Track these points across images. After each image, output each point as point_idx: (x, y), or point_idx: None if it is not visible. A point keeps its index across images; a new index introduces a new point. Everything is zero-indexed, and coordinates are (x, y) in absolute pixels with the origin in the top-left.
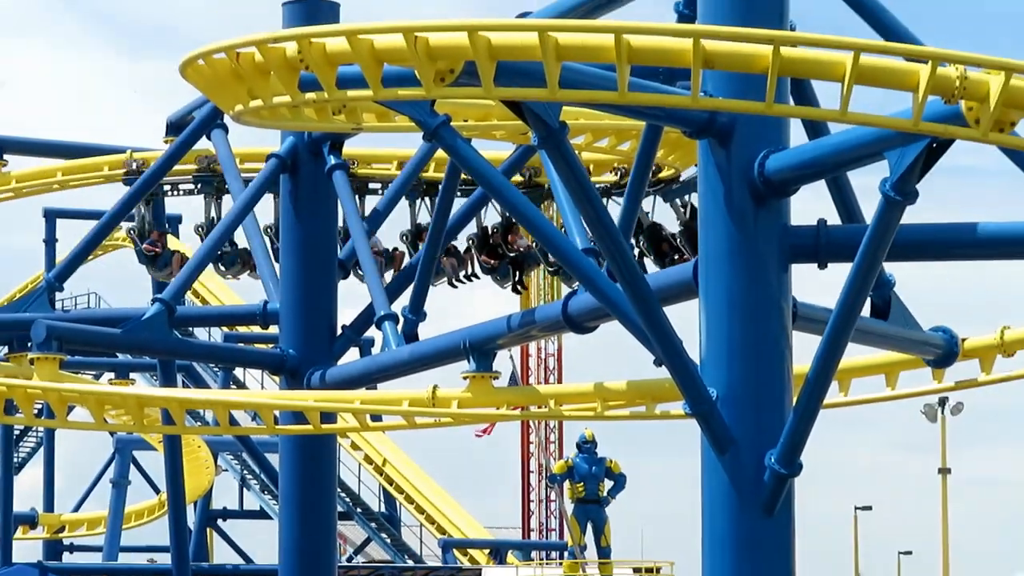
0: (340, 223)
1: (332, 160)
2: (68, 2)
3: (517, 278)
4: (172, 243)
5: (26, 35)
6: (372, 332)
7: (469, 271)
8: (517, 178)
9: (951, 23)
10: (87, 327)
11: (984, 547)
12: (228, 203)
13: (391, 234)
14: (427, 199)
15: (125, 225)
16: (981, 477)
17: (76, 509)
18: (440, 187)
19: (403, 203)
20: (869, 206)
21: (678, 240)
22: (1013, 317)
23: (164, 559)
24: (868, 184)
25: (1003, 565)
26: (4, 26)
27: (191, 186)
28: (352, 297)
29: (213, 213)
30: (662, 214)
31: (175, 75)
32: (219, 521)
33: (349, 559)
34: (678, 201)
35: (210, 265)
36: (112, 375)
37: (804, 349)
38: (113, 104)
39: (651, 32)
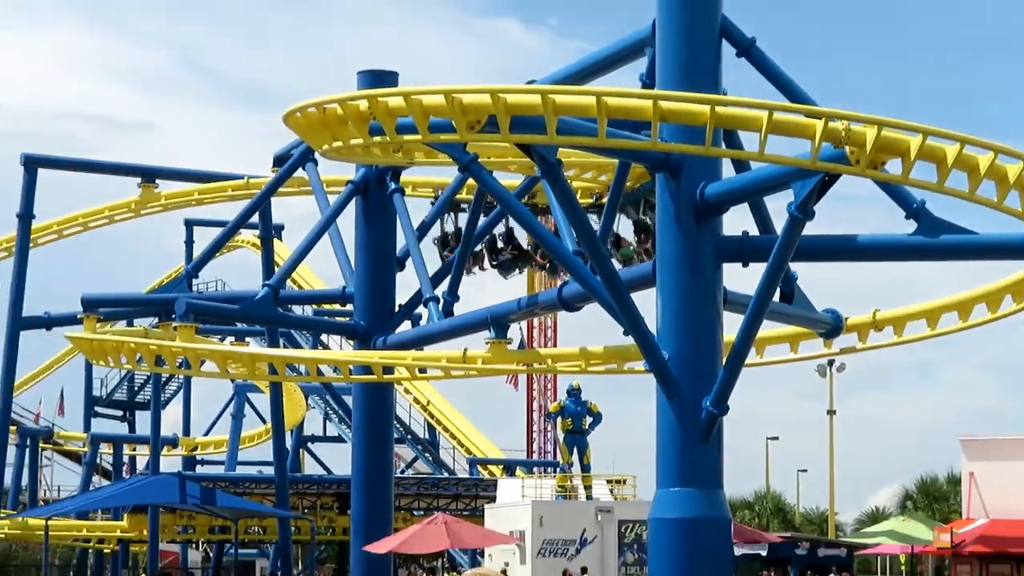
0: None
1: (393, 185)
2: (202, 69)
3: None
4: None
5: (168, 93)
6: (420, 310)
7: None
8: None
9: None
10: (215, 304)
11: (858, 466)
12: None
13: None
14: (453, 214)
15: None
16: (857, 416)
17: (206, 434)
18: (470, 207)
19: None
20: (779, 221)
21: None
22: (882, 303)
23: (268, 470)
24: (779, 206)
25: (870, 478)
26: (155, 85)
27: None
28: (406, 284)
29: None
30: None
31: (279, 123)
32: (308, 444)
33: (402, 472)
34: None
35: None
36: (232, 338)
37: (731, 324)
38: (233, 143)
39: (622, 95)
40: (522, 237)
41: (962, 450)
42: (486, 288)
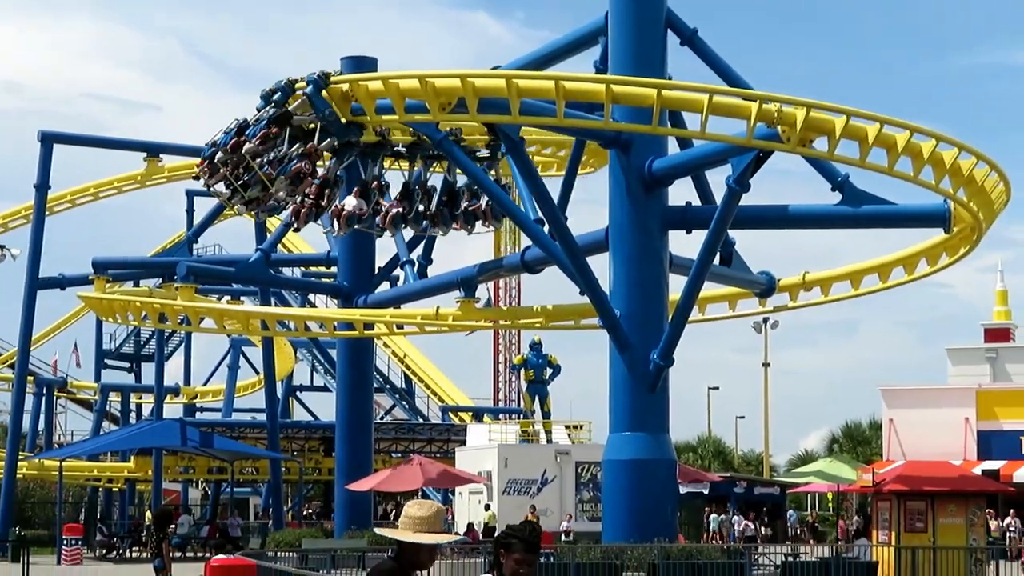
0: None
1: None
2: (203, 56)
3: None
4: None
5: (173, 77)
6: (397, 272)
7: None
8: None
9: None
10: (212, 266)
11: (790, 413)
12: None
13: None
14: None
15: None
16: (789, 368)
17: (205, 384)
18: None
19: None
20: (719, 193)
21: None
22: (810, 266)
23: (261, 417)
24: (718, 179)
25: (801, 424)
26: (161, 70)
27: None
28: (385, 249)
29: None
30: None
31: None
32: (297, 392)
33: (381, 418)
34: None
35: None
36: (228, 298)
37: (676, 285)
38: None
39: (578, 80)
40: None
41: (882, 399)
42: (456, 252)
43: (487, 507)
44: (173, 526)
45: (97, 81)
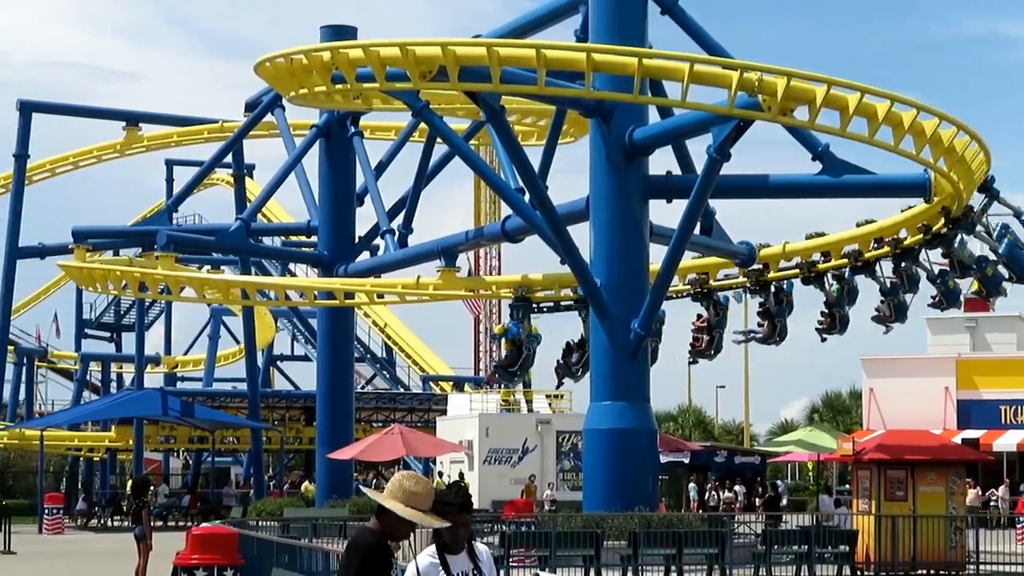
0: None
1: (353, 129)
2: (182, 23)
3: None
4: None
5: (152, 45)
6: (378, 241)
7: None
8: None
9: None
10: (193, 235)
11: (770, 382)
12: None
13: (390, 183)
14: None
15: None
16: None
17: (185, 353)
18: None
19: (401, 154)
20: (700, 162)
21: None
22: (790, 235)
23: (242, 386)
24: (699, 149)
25: (781, 393)
26: (140, 37)
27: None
28: (365, 218)
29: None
30: None
31: (250, 72)
32: (278, 362)
33: (362, 387)
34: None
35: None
36: (209, 267)
37: (657, 254)
38: (209, 90)
39: (559, 48)
40: None
41: (862, 368)
42: (436, 221)
43: (461, 475)
44: (152, 489)
45: (75, 49)
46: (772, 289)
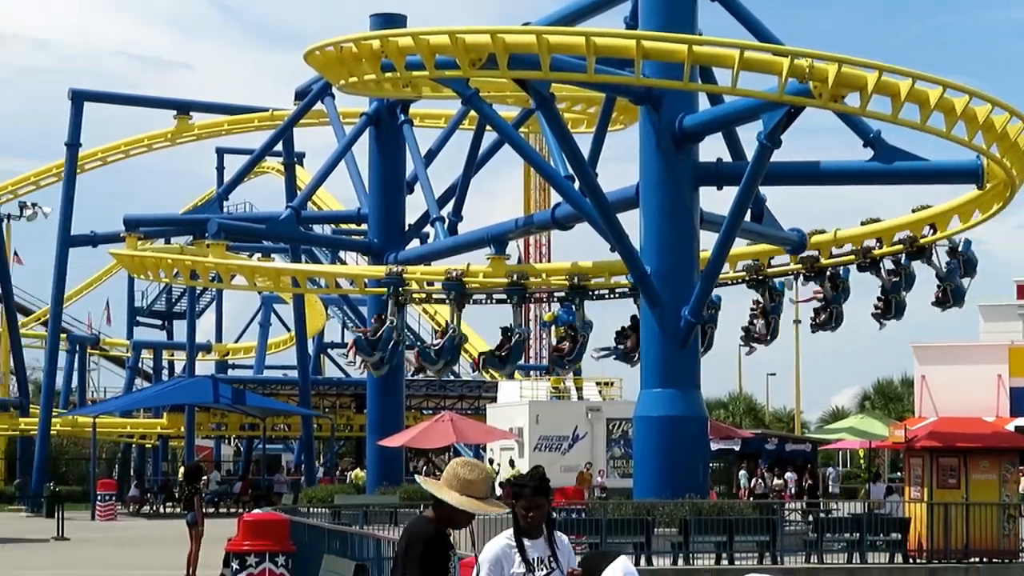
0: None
1: (402, 117)
2: (229, 12)
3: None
4: None
5: (203, 35)
6: (428, 228)
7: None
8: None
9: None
10: (243, 223)
11: (821, 370)
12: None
13: (439, 171)
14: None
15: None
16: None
17: (236, 341)
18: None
19: (451, 142)
20: (750, 149)
21: None
22: (841, 221)
23: (292, 374)
24: (749, 136)
25: (832, 381)
26: (192, 27)
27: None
28: (415, 206)
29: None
30: None
31: (300, 61)
32: (328, 349)
33: (412, 375)
34: None
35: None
36: (259, 255)
37: (707, 241)
38: (259, 79)
39: (609, 35)
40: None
41: (914, 355)
42: (486, 208)
43: (512, 463)
44: (205, 478)
45: (127, 39)
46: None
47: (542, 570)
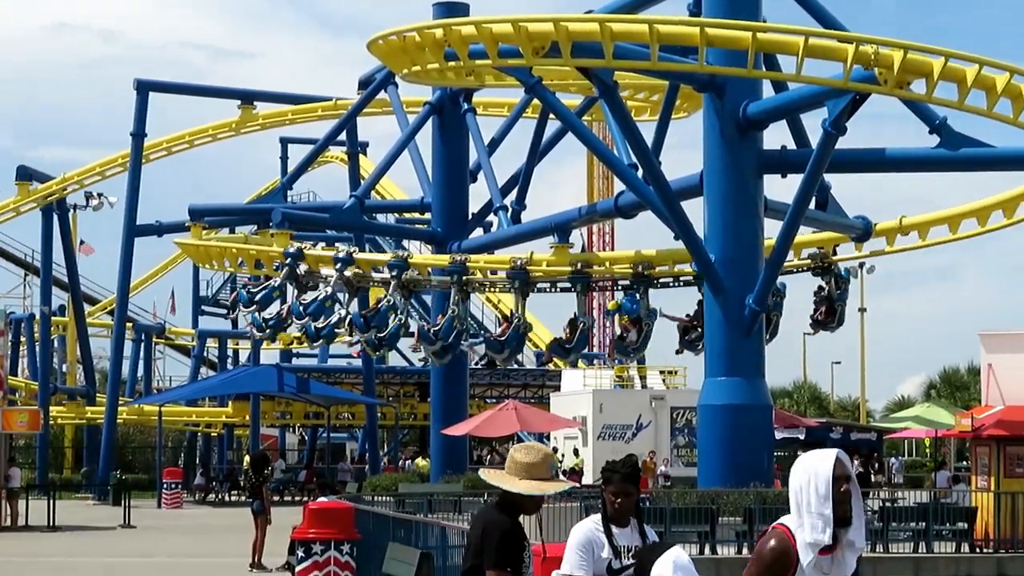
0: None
1: (465, 106)
2: (293, 1)
3: None
4: None
5: (267, 24)
6: (491, 217)
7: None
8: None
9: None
10: (307, 213)
11: (887, 359)
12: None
13: (503, 159)
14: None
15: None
16: (886, 314)
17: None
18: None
19: (514, 130)
20: (814, 137)
21: None
22: (907, 210)
23: (357, 363)
24: (814, 123)
25: (898, 369)
26: (255, 17)
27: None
28: (478, 194)
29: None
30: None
31: (364, 50)
32: None
33: (475, 363)
34: None
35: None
36: (323, 244)
37: (771, 229)
38: (322, 68)
39: (672, 23)
40: None
41: (981, 343)
42: (550, 197)
43: (576, 452)
44: (270, 468)
45: (191, 29)
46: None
47: (628, 559)
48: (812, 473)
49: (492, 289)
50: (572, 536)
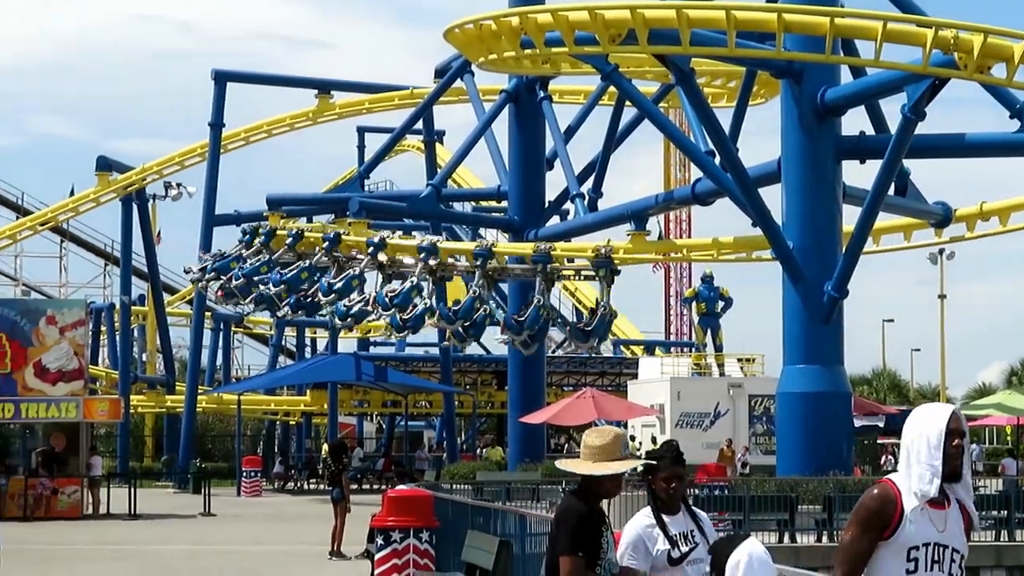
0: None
1: (542, 94)
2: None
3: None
4: None
5: (342, 13)
6: (568, 205)
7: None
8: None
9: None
10: (384, 201)
11: (967, 345)
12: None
13: (579, 147)
14: None
15: None
16: (967, 300)
17: (378, 318)
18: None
19: (591, 118)
20: (893, 122)
21: None
22: (988, 194)
23: (434, 351)
24: (892, 108)
25: (978, 356)
26: (331, 6)
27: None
28: (555, 182)
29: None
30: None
31: (440, 38)
32: None
33: (553, 352)
34: None
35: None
36: (401, 232)
37: (850, 216)
38: (399, 57)
39: (749, 9)
40: None
41: None
42: (626, 185)
43: (653, 439)
44: (349, 456)
45: (268, 19)
46: None
47: (687, 545)
48: (926, 423)
49: (576, 277)
50: (624, 534)
